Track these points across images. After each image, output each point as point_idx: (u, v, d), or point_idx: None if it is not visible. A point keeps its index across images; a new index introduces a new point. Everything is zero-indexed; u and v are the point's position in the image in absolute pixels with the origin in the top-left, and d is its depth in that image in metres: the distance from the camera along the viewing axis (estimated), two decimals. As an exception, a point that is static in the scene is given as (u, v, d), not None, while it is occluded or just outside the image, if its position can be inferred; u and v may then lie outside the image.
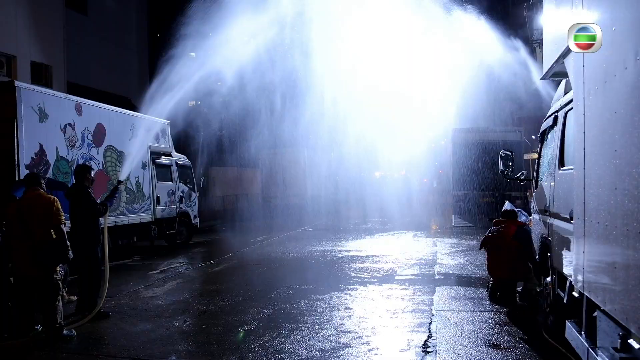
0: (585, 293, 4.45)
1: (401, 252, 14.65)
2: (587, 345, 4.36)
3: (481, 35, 25.54)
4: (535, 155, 12.72)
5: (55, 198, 7.30)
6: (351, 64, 26.18)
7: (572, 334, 4.86)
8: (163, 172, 16.33)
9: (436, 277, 10.93)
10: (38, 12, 20.76)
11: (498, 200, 19.81)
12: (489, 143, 22.58)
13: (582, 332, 4.64)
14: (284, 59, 25.96)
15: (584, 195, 4.51)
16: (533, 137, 26.70)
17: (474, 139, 23.67)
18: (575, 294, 4.87)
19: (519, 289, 8.85)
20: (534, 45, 27.53)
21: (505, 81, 28.76)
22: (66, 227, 7.32)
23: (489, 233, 9.09)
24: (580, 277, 4.60)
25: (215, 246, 17.90)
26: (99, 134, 13.00)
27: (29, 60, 20.62)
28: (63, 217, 7.23)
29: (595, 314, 4.38)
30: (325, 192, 30.18)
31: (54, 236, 7.08)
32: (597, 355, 4.09)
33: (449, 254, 14.12)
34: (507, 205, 10.03)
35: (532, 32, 27.40)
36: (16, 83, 10.82)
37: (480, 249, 9.35)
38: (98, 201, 8.87)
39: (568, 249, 5.39)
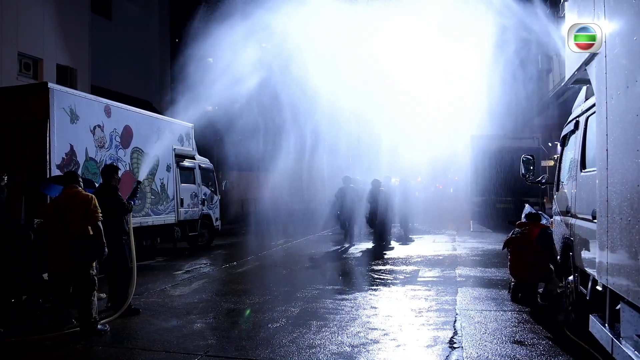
0: (609, 286, 4.66)
1: (421, 255, 14.83)
2: (611, 336, 4.56)
3: (498, 44, 25.75)
4: (551, 162, 12.89)
5: (93, 196, 7.58)
6: (370, 72, 26.42)
7: (596, 326, 5.06)
8: (186, 174, 16.61)
9: (458, 279, 11.11)
10: (64, 16, 21.23)
11: (515, 206, 19.93)
12: (506, 150, 22.75)
13: (606, 325, 4.84)
14: (303, 65, 26.22)
15: (607, 193, 4.72)
16: (550, 144, 26.83)
17: (492, 146, 23.84)
18: (599, 288, 5.07)
19: (540, 290, 9.02)
20: (551, 53, 27.64)
21: (523, 90, 28.94)
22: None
23: (512, 234, 9.24)
24: (603, 271, 4.80)
25: (236, 249, 18.15)
26: (127, 136, 13.30)
27: (55, 63, 21.08)
28: (100, 215, 7.52)
29: (618, 306, 4.58)
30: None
31: (91, 233, 7.37)
32: (621, 344, 4.30)
33: (469, 257, 14.28)
34: (528, 209, 10.21)
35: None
36: (49, 84, 11.10)
37: (503, 249, 9.52)
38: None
39: (591, 246, 5.59)
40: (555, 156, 22.64)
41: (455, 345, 6.54)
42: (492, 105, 26.72)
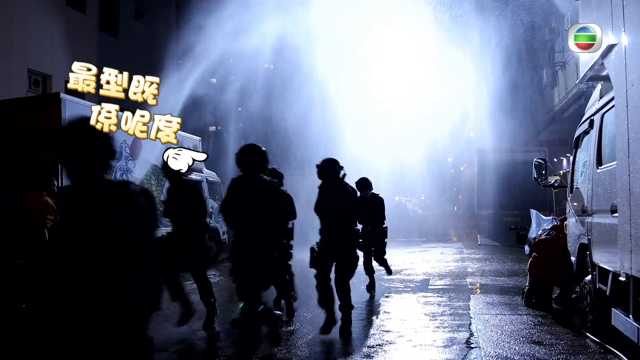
0: (634, 274, 4.61)
1: (431, 266, 14.75)
2: (636, 325, 4.50)
3: (503, 59, 25.86)
4: (558, 178, 12.87)
5: (49, 201, 7.58)
6: (373, 90, 26.54)
7: (620, 318, 5.01)
8: (194, 187, 16.51)
9: (469, 287, 11.03)
10: (73, 34, 21.32)
11: (522, 219, 19.85)
12: (513, 162, 22.70)
13: (630, 315, 4.79)
14: (304, 81, 26.37)
15: (629, 182, 4.69)
16: (555, 159, 26.81)
17: (498, 159, 23.77)
18: (622, 279, 5.00)
19: (554, 296, 8.93)
20: (555, 67, 27.71)
21: (528, 104, 28.99)
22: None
23: (546, 235, 9.00)
24: (627, 260, 4.75)
25: (244, 262, 18.02)
26: (136, 147, 13.26)
27: (64, 79, 21.06)
28: (48, 222, 7.51)
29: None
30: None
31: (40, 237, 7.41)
32: (648, 330, 4.26)
33: (479, 267, 14.20)
34: (535, 214, 10.14)
35: (555, 55, 27.60)
36: (61, 95, 11.27)
37: (530, 246, 9.37)
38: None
39: (611, 240, 5.54)
40: (561, 171, 22.65)
41: (472, 345, 6.46)
42: (498, 119, 26.81)
